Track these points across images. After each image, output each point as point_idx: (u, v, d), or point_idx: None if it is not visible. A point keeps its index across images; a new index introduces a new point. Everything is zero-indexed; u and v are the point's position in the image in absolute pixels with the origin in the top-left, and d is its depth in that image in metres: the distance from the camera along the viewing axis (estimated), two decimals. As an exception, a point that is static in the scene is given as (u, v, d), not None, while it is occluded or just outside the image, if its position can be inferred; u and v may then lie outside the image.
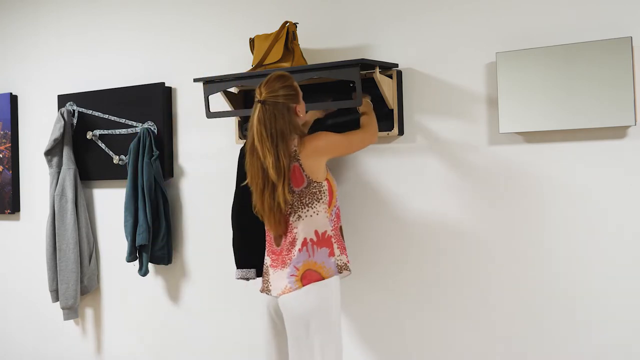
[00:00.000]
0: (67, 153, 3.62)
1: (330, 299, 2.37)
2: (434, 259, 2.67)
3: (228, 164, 3.15)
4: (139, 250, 3.34)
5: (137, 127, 3.43)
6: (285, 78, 2.39)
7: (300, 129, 2.41)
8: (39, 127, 3.92)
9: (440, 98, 2.64)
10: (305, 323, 2.33)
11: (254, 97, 2.39)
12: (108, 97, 3.56)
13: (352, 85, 2.69)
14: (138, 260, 3.36)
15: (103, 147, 3.57)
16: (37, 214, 3.95)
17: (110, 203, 3.64)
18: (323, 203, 2.40)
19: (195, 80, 2.94)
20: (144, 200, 3.26)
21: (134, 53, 3.54)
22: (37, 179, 3.94)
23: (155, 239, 3.30)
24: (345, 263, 2.44)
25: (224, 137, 3.20)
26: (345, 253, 2.47)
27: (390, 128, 2.70)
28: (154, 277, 3.48)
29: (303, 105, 2.44)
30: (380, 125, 2.68)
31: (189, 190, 3.36)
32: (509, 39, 2.49)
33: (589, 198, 2.36)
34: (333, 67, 2.55)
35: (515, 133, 2.48)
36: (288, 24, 2.77)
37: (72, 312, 3.62)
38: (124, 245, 3.46)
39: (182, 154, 3.38)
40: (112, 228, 3.63)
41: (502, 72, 2.44)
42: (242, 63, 3.10)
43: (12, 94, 4.01)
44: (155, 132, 3.36)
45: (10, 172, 3.99)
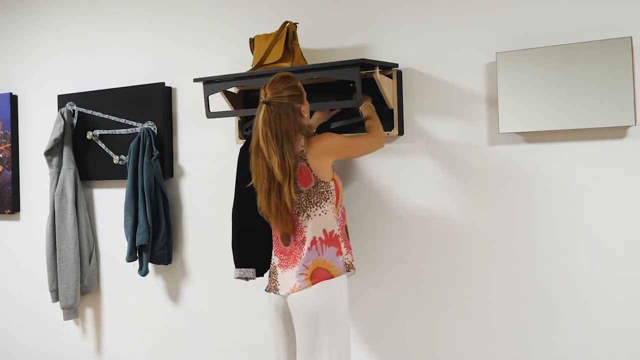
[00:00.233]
0: (67, 153, 3.62)
1: (340, 297, 2.38)
2: (434, 259, 2.67)
3: (228, 164, 3.15)
4: (139, 250, 3.34)
5: (137, 127, 3.43)
6: (290, 79, 2.40)
7: (306, 129, 2.41)
8: (39, 127, 3.92)
9: (440, 98, 2.64)
10: (315, 321, 2.34)
11: (259, 97, 2.39)
12: (108, 97, 3.56)
13: (352, 86, 2.68)
14: (138, 260, 3.36)
15: (103, 147, 3.57)
16: (37, 214, 3.95)
17: (110, 203, 3.64)
18: (330, 203, 2.41)
19: (195, 80, 2.94)
20: (144, 200, 3.26)
21: (134, 53, 3.54)
22: (37, 179, 3.94)
23: (155, 239, 3.30)
24: (351, 262, 2.46)
25: (224, 137, 3.20)
26: (351, 252, 2.49)
27: (390, 128, 2.70)
28: (154, 277, 3.48)
29: (307, 106, 2.45)
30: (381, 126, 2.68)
31: (189, 190, 3.36)
32: (509, 39, 2.49)
33: (589, 198, 2.36)
34: (333, 67, 2.55)
35: (515, 133, 2.48)
36: (288, 24, 2.77)
37: (72, 312, 3.62)
38: (124, 245, 3.46)
39: (182, 154, 3.38)
40: (112, 228, 3.63)
41: (502, 72, 2.44)
42: (242, 63, 3.10)
43: (12, 94, 4.01)
44: (155, 132, 3.36)
45: (10, 172, 3.99)
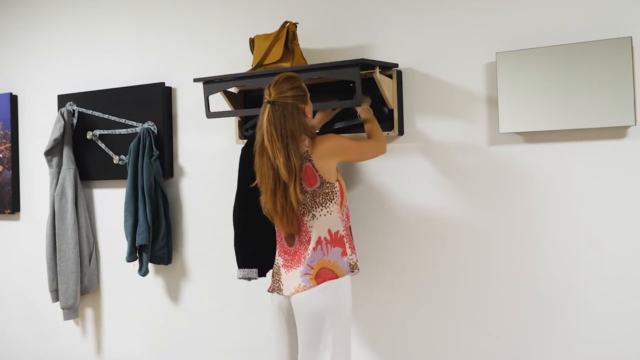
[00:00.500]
0: (67, 153, 3.62)
1: (344, 298, 2.39)
2: (434, 259, 2.67)
3: (228, 164, 3.15)
4: (139, 250, 3.33)
5: (137, 127, 3.43)
6: (294, 79, 2.40)
7: (310, 130, 2.41)
8: (39, 127, 3.92)
9: (440, 98, 2.64)
10: (320, 321, 2.34)
11: (263, 97, 2.39)
12: (108, 97, 3.56)
13: (352, 86, 2.68)
14: (138, 260, 3.36)
15: (103, 147, 3.57)
16: (37, 214, 3.94)
17: (110, 203, 3.64)
18: (335, 203, 2.41)
19: (195, 80, 2.94)
20: (144, 200, 3.26)
21: (134, 53, 3.54)
22: (37, 179, 3.94)
23: (155, 239, 3.30)
24: (356, 262, 2.47)
25: (224, 137, 3.20)
26: (355, 252, 2.49)
27: (391, 128, 2.70)
28: (154, 277, 3.48)
29: (311, 106, 2.45)
30: (381, 126, 2.67)
31: (189, 190, 3.36)
32: (509, 39, 2.49)
33: (589, 198, 2.36)
34: (333, 67, 2.55)
35: (515, 133, 2.48)
36: (288, 24, 2.77)
37: (72, 312, 3.62)
38: (124, 245, 3.45)
39: (182, 154, 3.38)
40: (112, 228, 3.63)
41: (502, 72, 2.44)
42: (242, 63, 3.10)
43: (12, 94, 4.01)
44: (155, 132, 3.36)
45: (10, 172, 3.99)
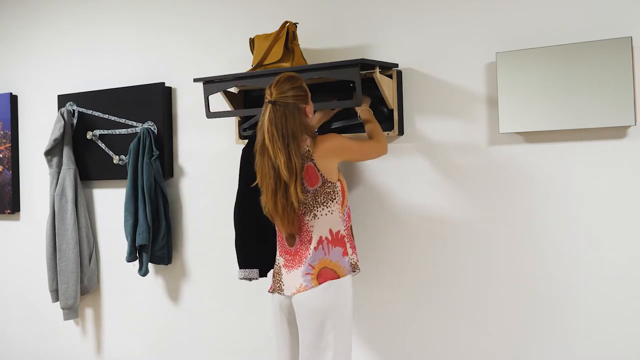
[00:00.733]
0: (67, 153, 3.62)
1: (346, 297, 2.39)
2: (434, 259, 2.67)
3: (228, 164, 3.15)
4: (139, 250, 3.33)
5: (137, 127, 3.43)
6: (295, 79, 2.40)
7: (311, 130, 2.41)
8: (39, 127, 3.92)
9: (440, 98, 2.64)
10: (321, 320, 2.34)
11: (264, 97, 2.39)
12: (108, 97, 3.56)
13: (352, 86, 2.68)
14: (138, 260, 3.36)
15: (103, 147, 3.57)
16: (37, 214, 3.94)
17: (110, 203, 3.64)
18: (337, 203, 2.41)
19: (195, 80, 2.94)
20: (144, 200, 3.26)
21: (134, 53, 3.54)
22: (37, 179, 3.94)
23: (155, 239, 3.30)
24: (357, 262, 2.47)
25: (224, 137, 3.20)
26: (356, 252, 2.49)
27: (391, 128, 2.70)
28: (154, 277, 3.48)
29: (312, 106, 2.45)
30: (381, 126, 2.67)
31: (189, 190, 3.36)
32: (509, 39, 2.49)
33: (589, 198, 2.36)
34: (333, 67, 2.55)
35: (515, 133, 2.48)
36: (288, 24, 2.77)
37: (72, 312, 3.62)
38: (124, 245, 3.45)
39: (182, 154, 3.38)
40: (112, 228, 3.63)
41: (502, 72, 2.44)
42: (242, 63, 3.10)
43: (12, 94, 4.01)
44: (155, 132, 3.36)
45: (10, 172, 3.99)
